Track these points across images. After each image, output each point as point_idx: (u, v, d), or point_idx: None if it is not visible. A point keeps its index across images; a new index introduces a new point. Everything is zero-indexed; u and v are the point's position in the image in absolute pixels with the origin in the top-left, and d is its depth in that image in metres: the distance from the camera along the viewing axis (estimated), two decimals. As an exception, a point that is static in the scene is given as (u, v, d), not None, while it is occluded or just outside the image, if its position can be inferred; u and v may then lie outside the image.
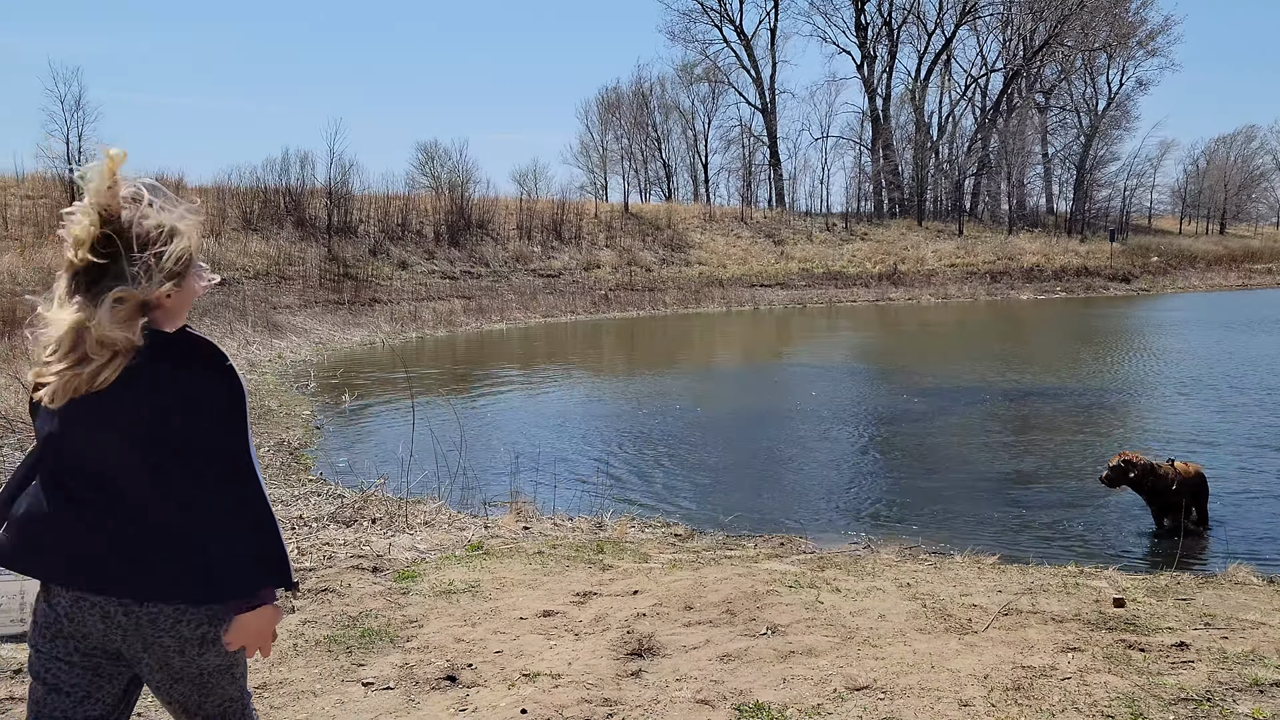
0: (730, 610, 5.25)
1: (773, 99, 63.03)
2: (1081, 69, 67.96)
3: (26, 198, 33.61)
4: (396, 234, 40.05)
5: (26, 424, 9.95)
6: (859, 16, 64.15)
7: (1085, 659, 4.40)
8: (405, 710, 4.03)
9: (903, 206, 61.25)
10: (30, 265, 27.74)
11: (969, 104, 67.97)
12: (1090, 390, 16.85)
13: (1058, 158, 69.53)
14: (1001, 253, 52.06)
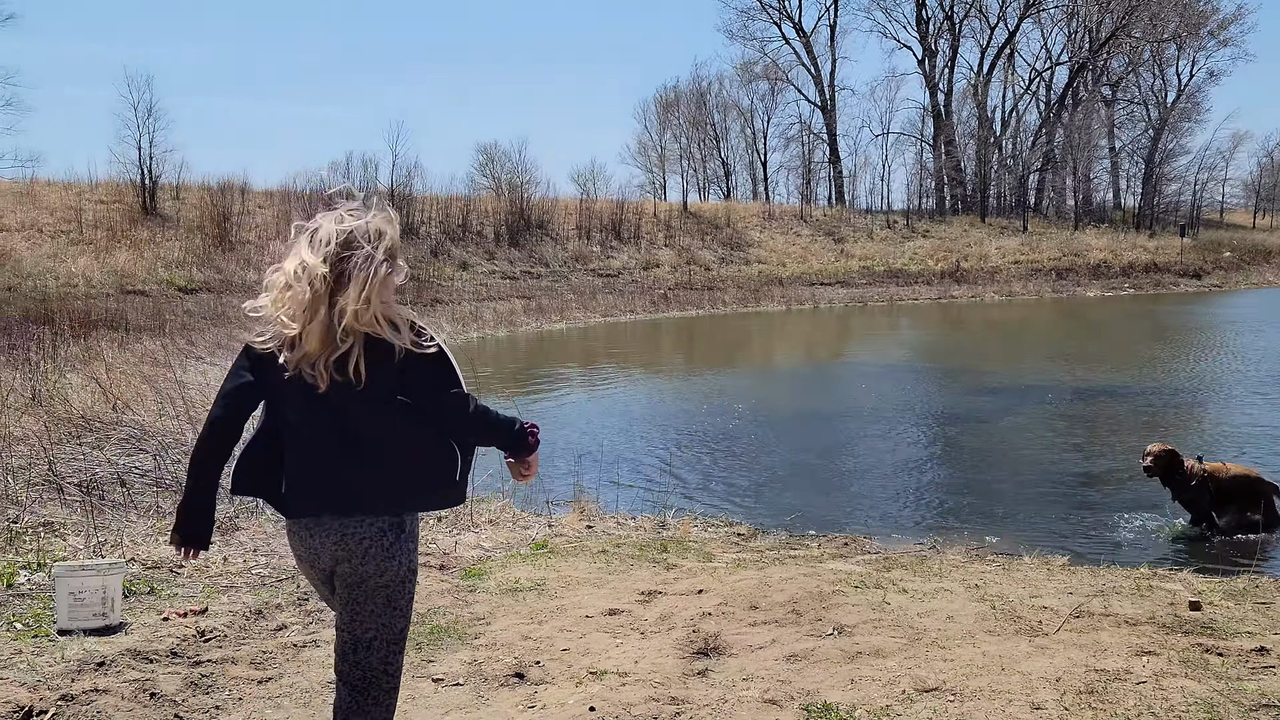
0: (796, 610, 5.24)
1: (832, 96, 62.60)
2: (1150, 60, 66.45)
3: (100, 202, 34.51)
4: (457, 235, 40.46)
5: (104, 422, 10.23)
6: (920, 11, 63.45)
7: (1161, 663, 4.32)
8: (475, 706, 4.08)
9: (965, 203, 60.44)
10: (105, 268, 28.49)
11: (1033, 98, 66.91)
12: (1162, 389, 16.50)
13: (1125, 152, 68.13)
14: (1067, 249, 51.16)
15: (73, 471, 8.17)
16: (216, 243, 32.93)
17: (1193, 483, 8.12)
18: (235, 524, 7.54)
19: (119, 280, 27.82)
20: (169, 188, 36.63)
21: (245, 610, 5.33)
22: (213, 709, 4.03)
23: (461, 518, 8.03)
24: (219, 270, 31.01)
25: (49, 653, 4.57)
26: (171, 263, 30.40)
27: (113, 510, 7.55)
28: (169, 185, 36.69)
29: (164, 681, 4.23)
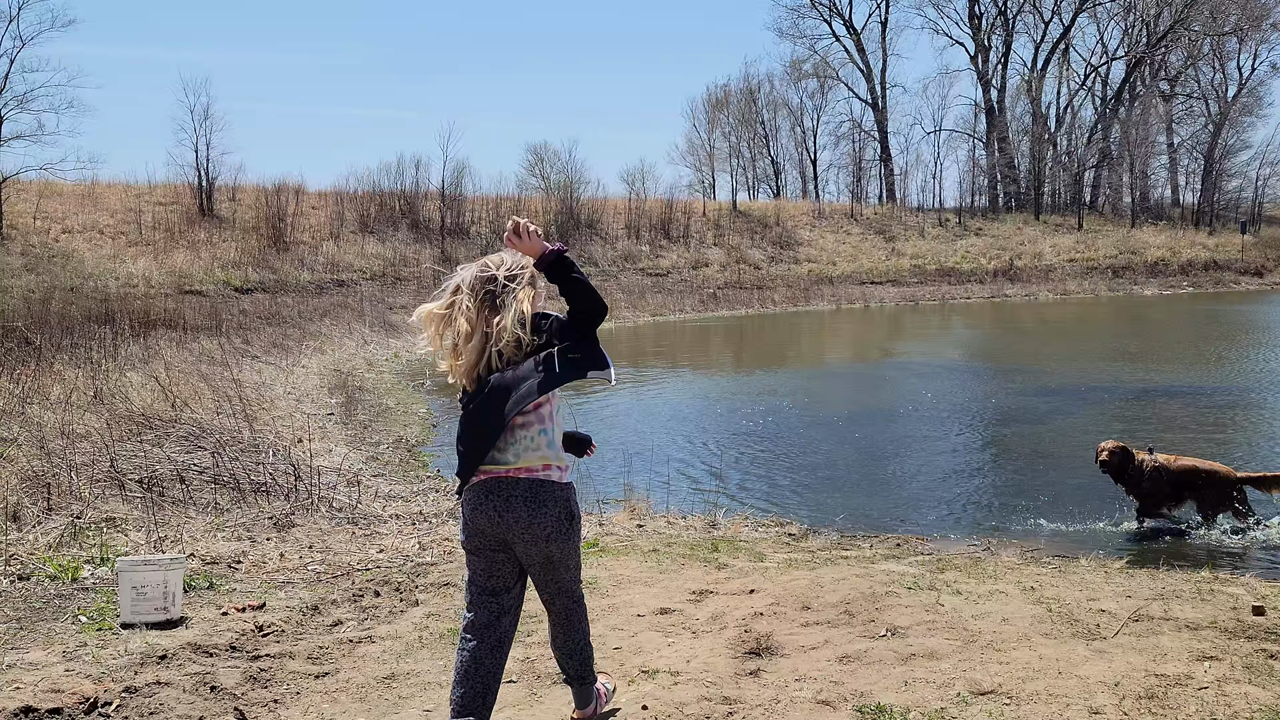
0: (848, 611, 5.21)
1: (883, 93, 62.13)
2: (1210, 54, 65.09)
3: (159, 204, 35.22)
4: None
5: (164, 420, 10.43)
6: (973, 7, 62.73)
7: (1223, 668, 4.24)
8: (528, 703, 4.11)
9: (1019, 200, 59.66)
10: (163, 269, 29.04)
11: (1088, 94, 65.85)
12: (1224, 389, 16.17)
13: (1184, 147, 66.79)
14: (1124, 247, 50.35)
15: (134, 468, 8.34)
16: (271, 243, 33.45)
17: (1146, 476, 8.16)
18: (291, 521, 7.66)
19: (177, 280, 28.36)
20: (225, 189, 37.29)
21: (302, 606, 5.41)
22: (271, 703, 4.09)
23: (513, 516, 8.07)
24: (274, 270, 31.49)
25: (112, 645, 4.67)
26: (228, 263, 30.94)
27: (172, 506, 7.70)
28: (225, 187, 37.35)
29: (224, 675, 4.31)
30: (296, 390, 16.31)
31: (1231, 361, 19.98)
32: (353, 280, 32.75)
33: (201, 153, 36.09)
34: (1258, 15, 61.13)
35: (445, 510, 8.50)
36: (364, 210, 38.54)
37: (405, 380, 19.20)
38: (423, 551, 6.89)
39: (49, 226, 31.44)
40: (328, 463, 10.45)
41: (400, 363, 22.35)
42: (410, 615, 5.29)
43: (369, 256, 35.13)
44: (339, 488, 9.13)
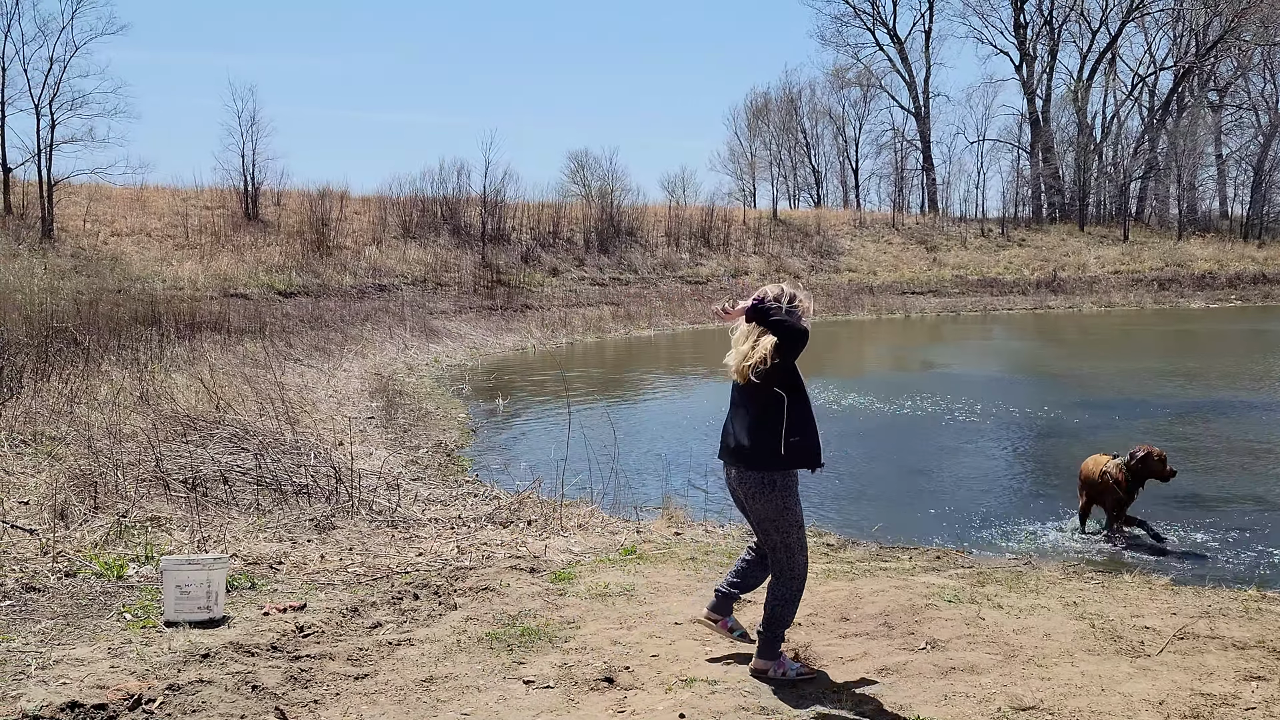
0: (887, 623, 5.17)
1: (926, 102, 61.71)
2: (1260, 64, 64.06)
3: (205, 208, 35.70)
4: (548, 241, 40.86)
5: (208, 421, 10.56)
6: (1018, 16, 62.18)
7: (1272, 689, 4.16)
8: (565, 709, 4.12)
9: (1063, 211, 59.00)
10: (209, 272, 29.42)
11: (1135, 104, 64.99)
12: (1271, 404, 15.89)
13: (1233, 159, 65.74)
14: (1170, 259, 49.62)
15: (178, 468, 8.45)
16: (315, 247, 33.78)
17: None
18: (332, 523, 7.73)
19: (222, 283, 28.72)
20: (270, 194, 37.71)
21: (342, 607, 5.46)
22: (311, 703, 4.13)
23: (550, 522, 8.11)
24: (317, 274, 31.80)
25: (156, 643, 4.74)
26: (272, 267, 31.28)
27: (215, 507, 7.79)
28: (270, 191, 37.78)
29: (265, 674, 4.35)
30: (338, 393, 16.47)
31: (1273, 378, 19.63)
32: (394, 285, 32.99)
33: (247, 158, 36.53)
34: (1310, 25, 60.07)
35: (484, 514, 8.54)
36: (406, 215, 38.82)
37: (445, 385, 19.32)
38: (461, 556, 6.92)
39: (98, 229, 31.96)
40: (368, 466, 10.53)
41: (440, 368, 22.50)
42: (449, 619, 5.32)
43: (410, 261, 35.38)
44: (379, 491, 9.20)
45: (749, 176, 64.15)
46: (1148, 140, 61.64)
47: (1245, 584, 6.50)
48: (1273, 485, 10.31)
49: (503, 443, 13.74)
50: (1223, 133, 64.86)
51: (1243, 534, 8.37)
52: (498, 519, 8.32)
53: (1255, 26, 58.40)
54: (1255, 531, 8.46)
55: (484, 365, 23.62)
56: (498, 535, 7.68)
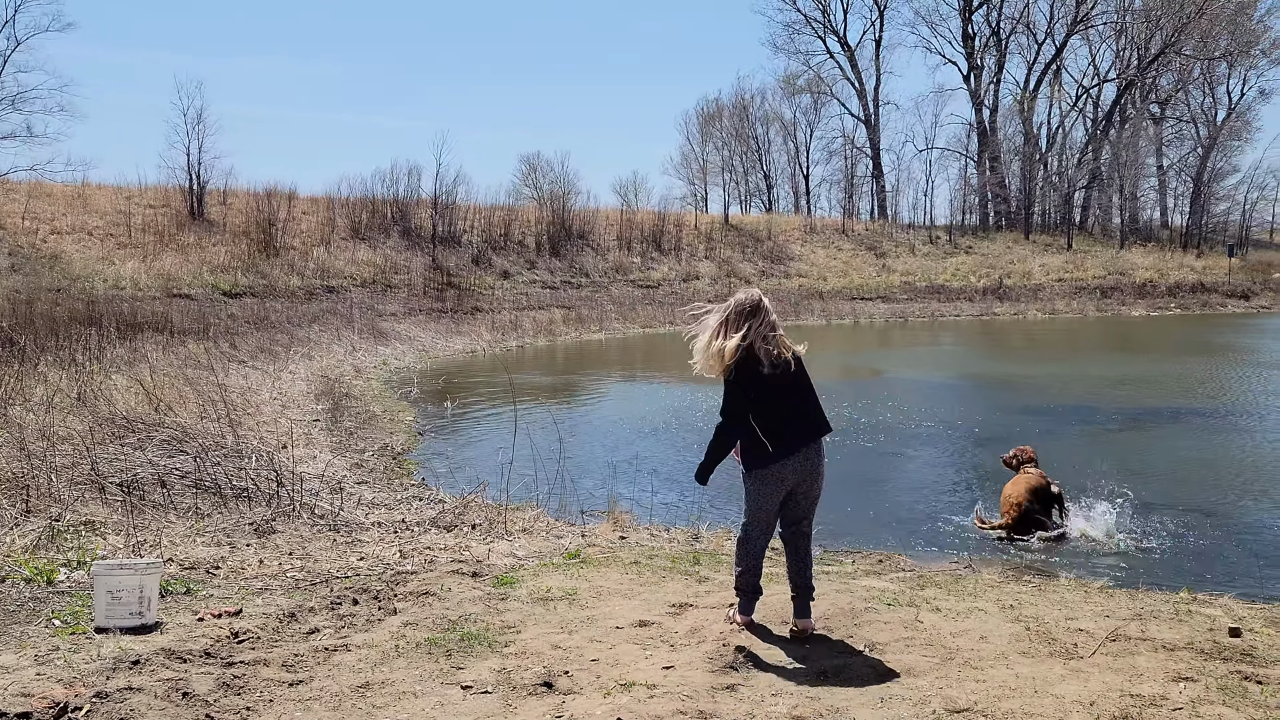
0: (827, 627, 5.21)
1: (876, 110, 62.38)
2: (1200, 78, 65.55)
3: (149, 207, 35.12)
4: (499, 244, 40.71)
5: (147, 423, 10.37)
6: (966, 27, 63.08)
7: (1198, 689, 4.25)
8: (503, 714, 4.09)
9: (1009, 219, 59.91)
10: (152, 272, 28.95)
11: (1080, 115, 66.19)
12: (1210, 411, 16.24)
13: (1173, 170, 67.19)
14: (1112, 267, 50.59)
15: (114, 471, 8.29)
16: (261, 248, 33.36)
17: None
18: (272, 527, 7.63)
19: (165, 284, 28.27)
20: (216, 193, 37.21)
21: (279, 613, 5.38)
22: (244, 710, 4.06)
23: (495, 526, 8.06)
24: (263, 275, 31.41)
25: (85, 650, 4.64)
26: (217, 267, 30.85)
27: (152, 510, 7.65)
28: (216, 191, 37.28)
29: (196, 681, 4.28)
30: (283, 396, 16.26)
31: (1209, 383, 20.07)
32: (342, 287, 32.68)
33: (193, 156, 36.03)
34: (1247, 40, 61.57)
35: (428, 519, 8.48)
36: (355, 216, 38.48)
37: (393, 388, 19.15)
38: (403, 560, 6.86)
39: (37, 227, 31.30)
40: (311, 469, 10.41)
41: (388, 370, 22.31)
42: (388, 624, 5.26)
43: (359, 263, 35.06)
44: (322, 494, 9.09)
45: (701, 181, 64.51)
46: (1091, 151, 62.78)
47: (1177, 587, 6.63)
48: (1210, 491, 10.53)
49: (450, 446, 13.64)
50: (1163, 144, 66.33)
51: (1178, 538, 8.53)
52: (442, 523, 8.26)
53: (1195, 41, 59.75)
54: (1190, 536, 8.62)
55: (433, 368, 23.45)
56: (441, 539, 7.62)
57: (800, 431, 4.99)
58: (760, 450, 4.96)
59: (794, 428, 4.98)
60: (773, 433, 4.93)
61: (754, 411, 4.94)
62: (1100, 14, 62.10)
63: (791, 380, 5.00)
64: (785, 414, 4.97)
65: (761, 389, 4.93)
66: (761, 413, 4.94)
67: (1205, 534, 8.70)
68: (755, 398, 4.94)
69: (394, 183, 40.95)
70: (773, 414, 4.95)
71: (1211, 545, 8.36)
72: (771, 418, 4.95)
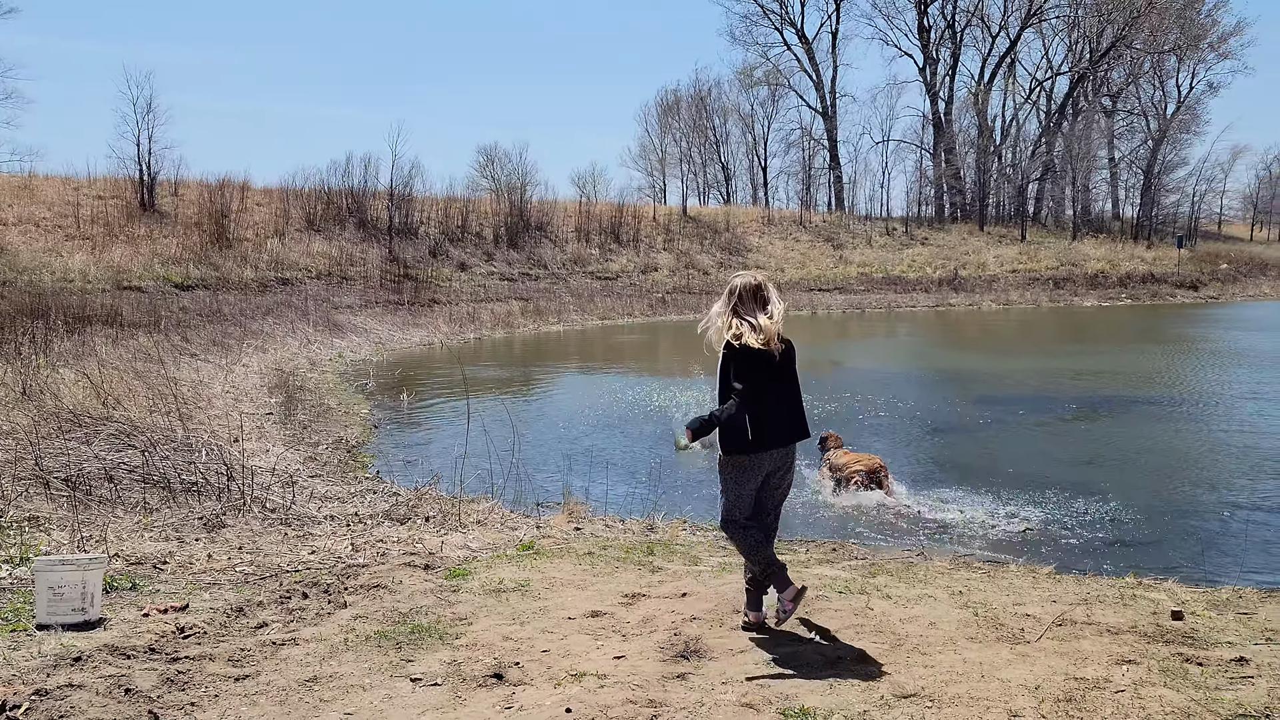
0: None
1: (833, 102, 62.70)
2: (1150, 72, 66.54)
3: (98, 198, 34.49)
4: (456, 236, 40.45)
5: (94, 417, 10.20)
6: (922, 19, 63.54)
7: (1140, 672, 4.31)
8: (451, 706, 4.07)
9: (964, 211, 60.50)
10: (101, 264, 28.46)
11: (1033, 107, 67.01)
12: (1162, 399, 16.50)
13: (1124, 162, 68.23)
14: (1065, 258, 51.26)
15: (60, 466, 8.14)
16: (214, 240, 32.89)
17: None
18: (222, 521, 7.53)
19: (115, 276, 27.80)
20: (167, 184, 36.63)
21: (226, 607, 5.32)
22: (188, 705, 4.01)
23: (449, 518, 8.02)
24: (216, 267, 30.99)
25: (26, 647, 4.55)
26: (168, 259, 30.38)
27: (99, 505, 7.53)
28: (167, 182, 36.69)
29: (140, 678, 4.21)
30: (236, 389, 16.06)
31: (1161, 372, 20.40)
32: (297, 279, 32.32)
33: (143, 146, 35.41)
34: (1196, 35, 62.62)
35: (381, 511, 8.41)
36: (310, 208, 38.04)
37: (348, 381, 18.99)
38: (356, 553, 6.80)
39: (-18, 218, 30.68)
40: (263, 463, 10.29)
41: (344, 363, 22.11)
42: (337, 617, 5.22)
43: (315, 255, 34.68)
44: (274, 488, 8.99)
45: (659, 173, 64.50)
46: (1044, 143, 63.55)
47: (1123, 572, 6.73)
48: (1159, 478, 10.71)
49: (406, 439, 13.55)
50: (1115, 137, 67.29)
51: (1128, 524, 8.67)
52: (395, 516, 8.20)
53: (1144, 35, 60.63)
54: (1140, 521, 8.76)
55: (389, 360, 23.27)
56: (394, 532, 7.57)
57: (780, 433, 4.94)
58: (741, 436, 4.86)
59: (776, 424, 4.92)
60: (756, 422, 4.86)
61: (741, 396, 4.87)
62: (1053, 7, 62.89)
63: (779, 369, 4.94)
64: (770, 404, 4.91)
65: (750, 373, 4.87)
66: (746, 398, 4.86)
67: (1152, 520, 8.84)
68: (743, 381, 4.88)
69: (350, 174, 40.61)
70: (758, 402, 4.88)
71: (1157, 531, 8.50)
72: (756, 406, 4.88)
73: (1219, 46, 63.81)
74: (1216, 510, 9.27)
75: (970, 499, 9.65)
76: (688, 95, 63.74)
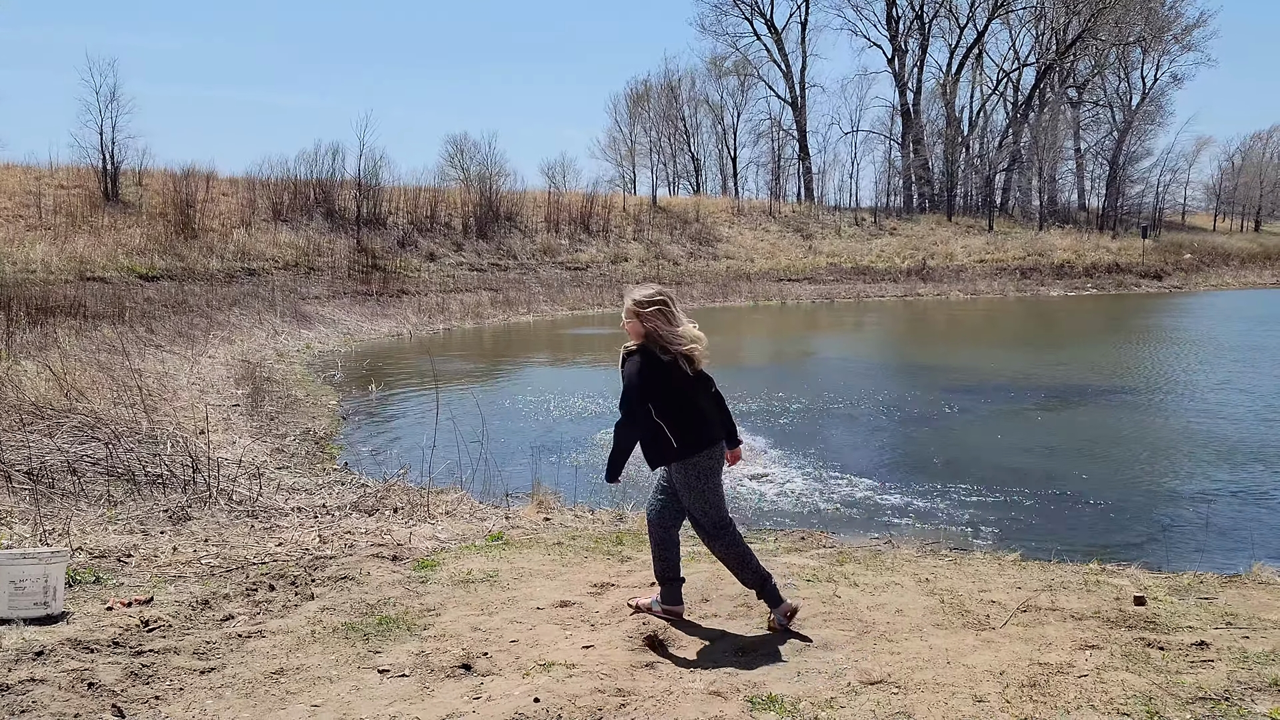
0: (746, 603, 5.24)
1: (802, 93, 62.80)
2: (1115, 64, 67.18)
3: (60, 187, 34.02)
4: (425, 226, 40.23)
5: (57, 410, 10.08)
6: (890, 10, 63.77)
7: (1103, 656, 4.36)
8: (419, 697, 4.05)
9: (932, 201, 60.86)
10: (64, 255, 28.09)
11: (1000, 99, 67.42)
12: (1124, 389, 16.70)
13: (1090, 153, 68.84)
14: (1032, 249, 51.67)
15: (21, 459, 8.04)
16: (179, 230, 32.53)
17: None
18: (188, 514, 7.47)
19: (78, 267, 27.44)
20: (131, 174, 36.16)
21: (192, 600, 5.27)
22: (152, 699, 3.97)
23: (418, 509, 7.99)
24: (181, 258, 30.65)
25: (-13, 642, 4.49)
26: (133, 250, 30.02)
27: (62, 499, 7.45)
28: (131, 171, 36.22)
29: (103, 671, 4.17)
30: (201, 381, 15.92)
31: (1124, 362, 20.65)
32: (264, 269, 32.04)
33: (106, 135, 34.92)
34: (1160, 27, 63.22)
35: (349, 503, 8.37)
36: (277, 198, 37.69)
37: (316, 372, 18.87)
38: (323, 545, 6.77)
39: (-59, 208, 30.19)
40: (230, 455, 10.22)
41: (312, 354, 21.96)
42: (304, 609, 5.19)
43: (281, 245, 34.39)
44: (240, 480, 8.92)
45: (629, 163, 64.44)
46: (1011, 134, 64.01)
47: (1088, 558, 6.81)
48: (1122, 466, 10.84)
49: (374, 430, 13.49)
50: (1081, 128, 67.87)
51: (1092, 511, 8.78)
52: (363, 507, 8.16)
53: (1110, 27, 61.16)
54: (1103, 508, 8.87)
55: (358, 351, 23.14)
56: (362, 524, 7.53)
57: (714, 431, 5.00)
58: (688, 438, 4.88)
59: (709, 423, 5.01)
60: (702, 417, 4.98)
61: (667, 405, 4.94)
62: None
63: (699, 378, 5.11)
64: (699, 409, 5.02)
65: (668, 383, 4.98)
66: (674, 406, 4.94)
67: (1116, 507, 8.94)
68: (663, 393, 4.97)
69: (317, 164, 40.25)
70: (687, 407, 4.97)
71: (1121, 518, 8.61)
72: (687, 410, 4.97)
73: (1183, 38, 64.48)
74: (1178, 498, 9.40)
75: (936, 487, 9.73)
76: (657, 85, 63.72)
